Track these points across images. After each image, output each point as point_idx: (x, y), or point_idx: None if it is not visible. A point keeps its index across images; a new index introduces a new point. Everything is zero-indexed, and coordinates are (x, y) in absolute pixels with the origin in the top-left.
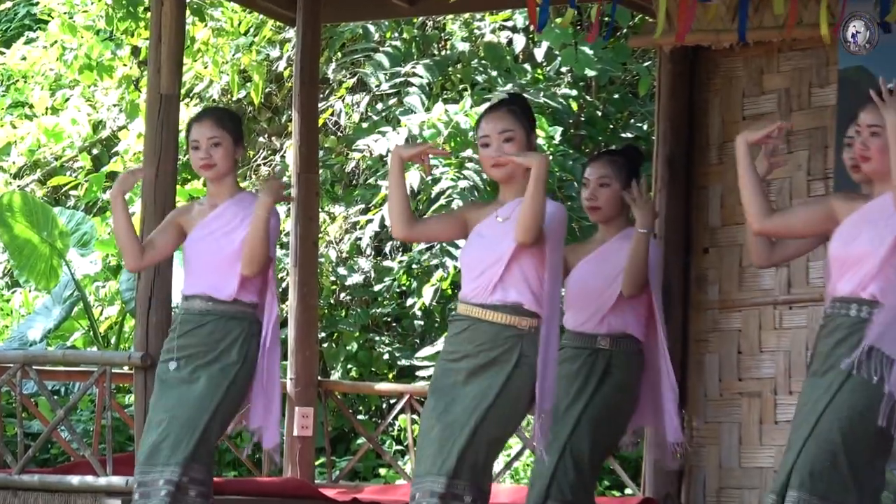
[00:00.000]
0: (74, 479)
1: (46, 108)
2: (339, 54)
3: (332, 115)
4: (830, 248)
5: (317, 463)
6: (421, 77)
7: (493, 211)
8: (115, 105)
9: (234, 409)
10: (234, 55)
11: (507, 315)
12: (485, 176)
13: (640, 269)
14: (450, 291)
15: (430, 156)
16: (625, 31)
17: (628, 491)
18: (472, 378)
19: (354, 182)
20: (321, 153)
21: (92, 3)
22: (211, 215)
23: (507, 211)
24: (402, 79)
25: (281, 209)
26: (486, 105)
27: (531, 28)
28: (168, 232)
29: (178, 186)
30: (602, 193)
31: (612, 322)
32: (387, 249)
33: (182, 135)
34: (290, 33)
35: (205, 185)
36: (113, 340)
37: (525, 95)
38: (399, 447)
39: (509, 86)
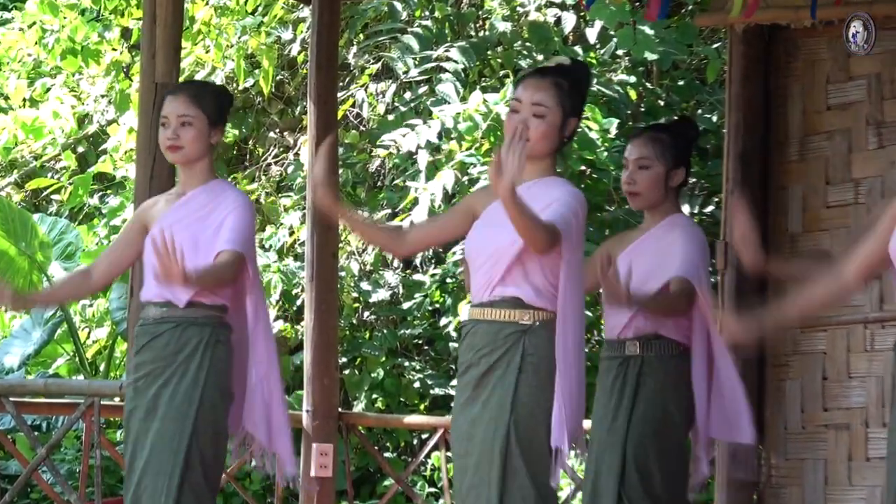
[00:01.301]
0: None
1: (24, 100)
2: (361, 36)
3: (352, 106)
4: None
5: None
6: (455, 62)
7: None
8: (103, 96)
9: (216, 437)
10: (239, 37)
11: (504, 310)
12: None
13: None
14: None
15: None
16: (690, 7)
17: None
18: (478, 394)
19: (379, 183)
20: (341, 150)
21: None
22: (174, 205)
23: (519, 194)
24: (433, 64)
25: (295, 216)
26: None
27: (581, 4)
28: (129, 233)
29: None
30: (641, 177)
31: (640, 324)
32: (417, 261)
33: None
34: (305, 12)
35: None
36: (102, 368)
37: (590, 69)
38: (432, 489)
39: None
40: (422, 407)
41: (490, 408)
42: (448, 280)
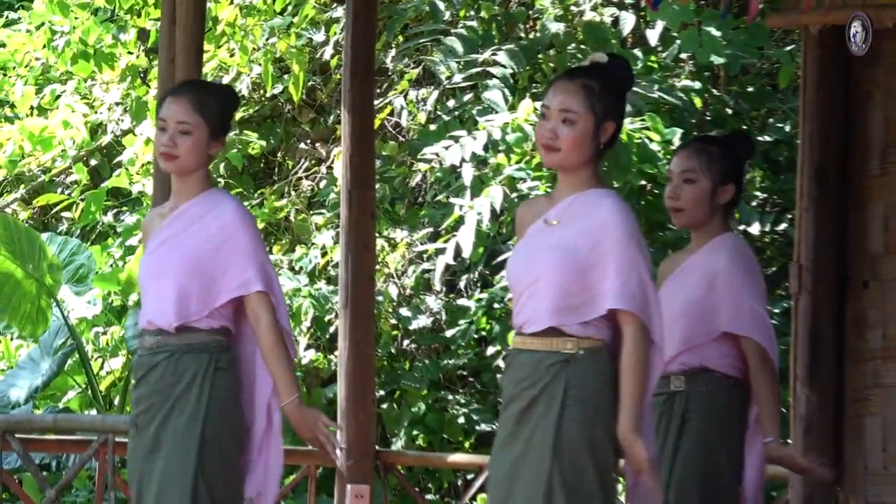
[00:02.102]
0: None
1: (31, 108)
2: (401, 38)
3: (391, 114)
4: None
5: None
6: (503, 66)
7: (544, 210)
8: (117, 104)
9: (228, 474)
10: (267, 40)
11: (545, 339)
12: None
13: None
14: None
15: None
16: (761, 6)
17: None
18: (519, 430)
19: (420, 200)
20: (378, 163)
21: None
22: (167, 220)
23: (559, 212)
24: (479, 69)
25: (327, 235)
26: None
27: (643, 4)
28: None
29: None
30: (686, 191)
31: (686, 357)
32: (461, 284)
33: None
34: (339, 12)
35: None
36: (116, 401)
37: (629, 64)
38: None
39: None
40: (467, 444)
41: (533, 447)
42: (496, 305)
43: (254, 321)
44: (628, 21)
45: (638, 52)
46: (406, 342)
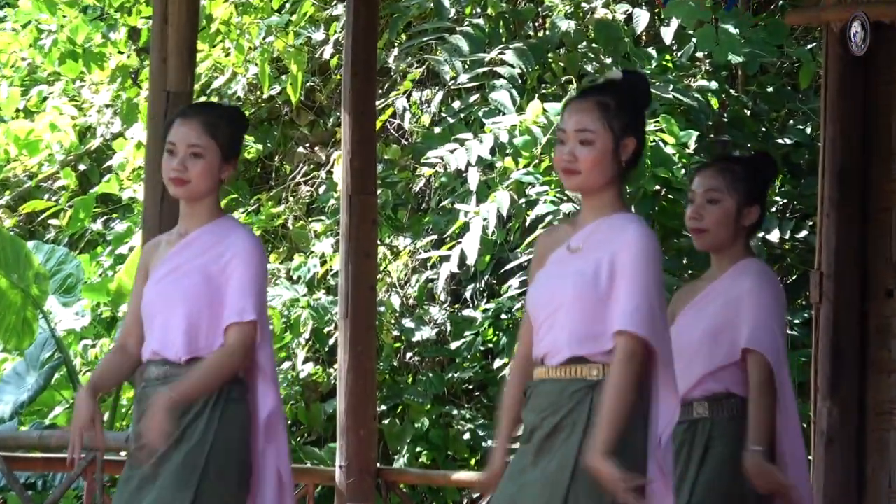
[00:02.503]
0: None
1: (17, 111)
2: (403, 36)
3: (393, 116)
4: None
5: None
6: (511, 66)
7: (567, 237)
8: (107, 106)
9: None
10: (264, 39)
11: (568, 367)
12: None
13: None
14: None
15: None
16: (781, 3)
17: None
18: (540, 457)
19: (424, 206)
20: (380, 167)
21: None
22: (175, 248)
23: (582, 238)
24: (486, 68)
25: (327, 243)
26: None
27: (657, 1)
28: (139, 286)
29: None
30: (710, 212)
31: (710, 384)
32: (467, 294)
33: None
34: (339, 9)
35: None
36: (106, 417)
37: (646, 78)
38: None
39: None
40: (472, 462)
41: (548, 472)
42: (503, 316)
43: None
44: (642, 18)
45: (652, 51)
46: (409, 355)
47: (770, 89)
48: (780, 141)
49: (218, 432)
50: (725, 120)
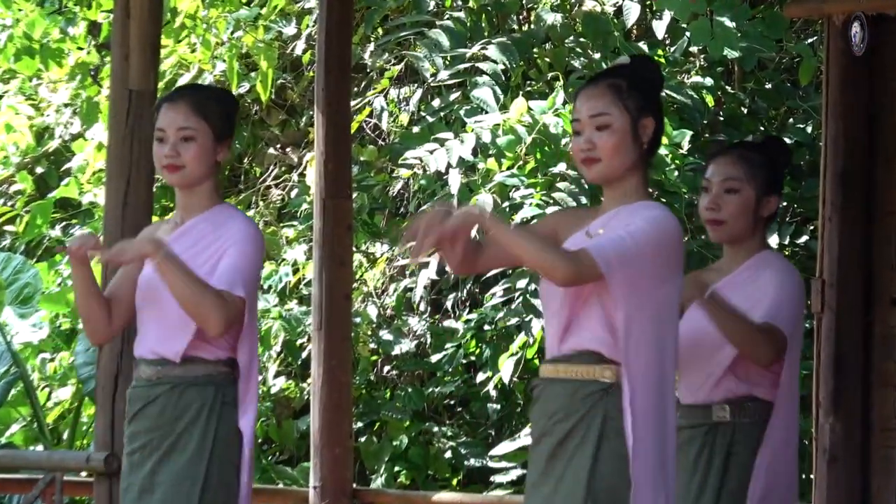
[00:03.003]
0: None
1: None
2: (380, 31)
3: (369, 116)
4: None
5: None
6: (494, 62)
7: (586, 222)
8: (66, 105)
9: None
10: (232, 33)
11: (582, 367)
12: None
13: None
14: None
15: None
16: None
17: None
18: (552, 467)
19: (402, 210)
20: (356, 170)
21: None
22: (171, 237)
23: (601, 223)
24: (467, 64)
25: (299, 249)
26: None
27: None
28: (131, 272)
29: (154, 218)
30: (728, 202)
31: (731, 385)
32: (448, 304)
33: None
34: (311, 2)
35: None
36: (65, 436)
37: (655, 61)
38: None
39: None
40: (454, 482)
41: (565, 483)
42: (486, 327)
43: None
44: (633, 11)
45: (643, 46)
46: (387, 368)
47: (768, 86)
48: None
49: (217, 439)
50: (721, 119)
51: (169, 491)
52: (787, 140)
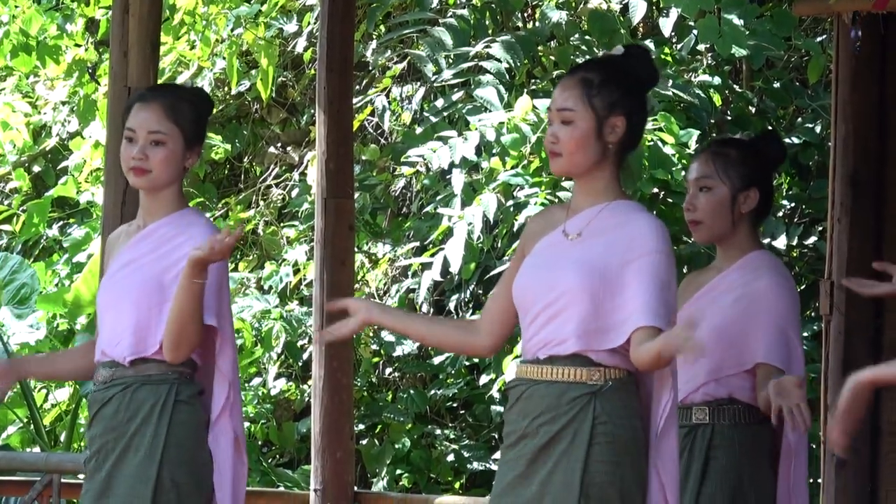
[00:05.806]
0: None
1: None
2: (383, 29)
3: (371, 114)
4: None
5: None
6: (498, 60)
7: (560, 221)
8: (63, 103)
9: None
10: (232, 31)
11: (567, 368)
12: None
13: None
14: None
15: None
16: None
17: None
18: (534, 470)
19: (405, 210)
20: (357, 169)
21: None
22: (132, 241)
23: (580, 223)
24: (471, 63)
25: (300, 250)
26: None
27: None
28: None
29: None
30: (702, 201)
31: (711, 387)
32: (451, 305)
33: None
34: None
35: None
36: (63, 438)
37: (648, 52)
38: None
39: None
40: (457, 485)
41: (553, 487)
42: None
43: None
44: (639, 8)
45: (650, 44)
46: (389, 370)
47: (777, 85)
48: (787, 140)
49: (169, 437)
50: (728, 118)
51: (123, 493)
52: (796, 140)
